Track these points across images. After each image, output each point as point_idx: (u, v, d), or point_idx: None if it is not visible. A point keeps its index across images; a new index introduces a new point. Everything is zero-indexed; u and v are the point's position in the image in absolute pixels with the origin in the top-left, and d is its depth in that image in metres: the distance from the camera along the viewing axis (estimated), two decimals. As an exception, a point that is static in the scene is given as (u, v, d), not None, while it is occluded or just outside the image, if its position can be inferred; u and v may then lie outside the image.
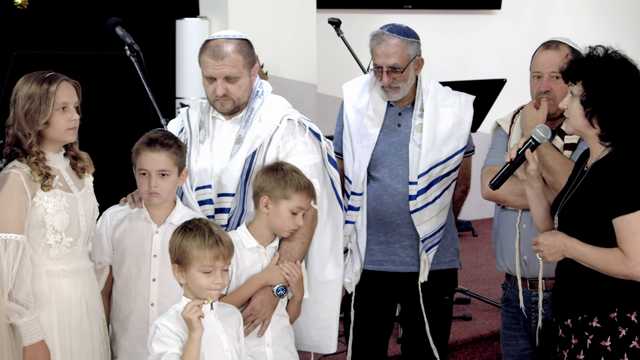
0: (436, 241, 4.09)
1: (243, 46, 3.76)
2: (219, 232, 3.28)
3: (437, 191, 4.06)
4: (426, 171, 4.02)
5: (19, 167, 3.38)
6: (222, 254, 3.23)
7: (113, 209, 3.72)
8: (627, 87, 3.23)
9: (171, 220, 3.63)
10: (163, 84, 6.42)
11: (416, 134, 4.06)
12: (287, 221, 3.63)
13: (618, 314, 3.22)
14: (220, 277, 3.24)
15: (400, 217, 4.08)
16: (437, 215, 4.07)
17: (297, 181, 3.62)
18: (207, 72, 3.75)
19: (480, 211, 8.31)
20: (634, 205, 3.15)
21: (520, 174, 3.44)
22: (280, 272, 3.62)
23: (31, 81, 3.41)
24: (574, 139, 3.81)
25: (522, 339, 3.99)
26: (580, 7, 9.21)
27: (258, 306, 3.59)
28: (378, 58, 4.01)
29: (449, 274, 4.20)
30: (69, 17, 6.26)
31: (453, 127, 4.09)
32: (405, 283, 4.12)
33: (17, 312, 3.29)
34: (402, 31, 4.02)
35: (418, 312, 4.11)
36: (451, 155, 4.08)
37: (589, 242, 3.23)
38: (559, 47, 3.84)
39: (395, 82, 4.01)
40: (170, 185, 3.61)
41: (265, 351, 3.61)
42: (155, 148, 3.58)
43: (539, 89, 3.86)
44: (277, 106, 3.85)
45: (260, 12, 6.68)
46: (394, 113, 4.12)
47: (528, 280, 3.91)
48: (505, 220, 3.98)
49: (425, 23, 8.32)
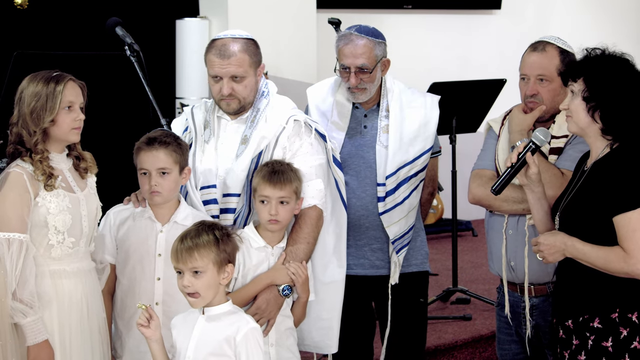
0: (406, 242, 4.07)
1: (249, 46, 3.77)
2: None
3: (405, 192, 4.03)
4: (394, 172, 4.00)
5: (21, 166, 3.38)
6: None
7: (116, 208, 3.72)
8: (627, 80, 3.25)
9: (175, 219, 3.63)
10: (163, 84, 6.42)
11: (382, 135, 4.04)
12: (260, 213, 3.62)
13: (619, 314, 3.22)
14: (181, 280, 3.16)
15: (369, 220, 4.05)
16: (406, 216, 4.05)
17: (264, 171, 3.62)
18: (213, 71, 3.75)
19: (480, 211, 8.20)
20: (634, 203, 3.15)
21: (521, 179, 3.43)
22: (286, 271, 3.62)
23: (38, 80, 3.42)
24: (561, 142, 3.78)
25: (514, 344, 3.96)
26: (580, 7, 9.21)
27: (263, 305, 3.59)
28: (346, 58, 3.97)
29: (420, 276, 4.17)
30: (69, 17, 6.26)
31: (419, 128, 4.06)
32: (376, 286, 4.11)
33: (21, 311, 3.29)
34: (369, 32, 4.00)
35: (389, 314, 4.10)
36: (418, 156, 4.05)
37: (590, 241, 3.23)
38: (546, 49, 3.80)
39: (362, 83, 3.98)
40: (172, 183, 3.61)
41: (269, 351, 3.60)
42: (153, 146, 3.59)
43: (525, 93, 3.83)
44: (283, 107, 3.85)
45: (260, 12, 6.68)
46: (360, 115, 4.10)
47: (518, 285, 3.88)
48: (493, 225, 3.96)
49: (425, 23, 8.33)
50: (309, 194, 3.75)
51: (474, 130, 6.28)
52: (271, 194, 3.60)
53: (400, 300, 4.10)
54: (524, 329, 3.87)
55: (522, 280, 3.84)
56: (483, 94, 6.05)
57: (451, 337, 5.33)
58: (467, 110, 5.96)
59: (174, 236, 3.28)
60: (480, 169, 3.94)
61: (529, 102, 3.81)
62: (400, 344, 4.13)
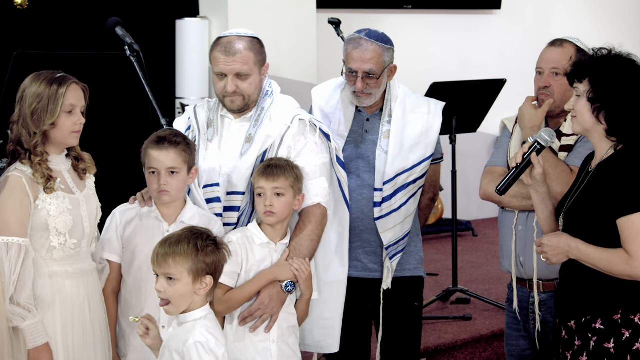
0: (400, 249, 4.06)
1: (254, 44, 3.78)
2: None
3: (402, 199, 4.03)
4: (392, 178, 4.00)
5: (20, 170, 3.38)
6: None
7: (123, 207, 3.71)
8: (632, 81, 3.25)
9: (182, 219, 3.63)
10: (163, 84, 6.42)
11: (383, 140, 4.03)
12: (258, 205, 3.64)
13: (622, 315, 3.21)
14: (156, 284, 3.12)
15: (364, 224, 4.04)
16: (401, 222, 4.04)
17: (261, 166, 3.66)
18: (218, 69, 3.75)
19: (480, 211, 8.31)
20: (638, 206, 3.15)
21: (526, 179, 3.43)
22: (289, 267, 3.62)
23: (40, 80, 3.40)
24: (571, 140, 3.81)
25: (523, 340, 3.99)
26: (580, 7, 9.21)
27: (266, 301, 3.59)
28: (354, 62, 3.97)
29: (414, 281, 4.16)
30: (69, 17, 6.25)
31: (421, 134, 4.06)
32: (369, 289, 4.10)
33: (19, 315, 3.29)
34: (379, 37, 3.99)
35: (384, 318, 4.09)
36: (417, 163, 4.04)
37: (593, 243, 3.23)
38: (563, 45, 3.85)
39: (368, 89, 3.98)
40: (180, 183, 3.61)
41: (270, 347, 3.61)
42: (163, 146, 3.59)
43: (538, 85, 3.87)
44: (288, 106, 3.86)
45: (260, 12, 6.68)
46: (362, 119, 4.10)
47: (527, 281, 3.91)
48: (504, 221, 3.99)
49: (425, 23, 8.33)
50: (313, 192, 3.76)
51: (474, 130, 6.29)
52: (265, 184, 3.62)
53: (394, 304, 4.10)
54: (531, 325, 3.89)
55: (531, 276, 3.87)
56: (483, 94, 6.05)
57: (451, 337, 5.33)
58: (467, 110, 5.95)
59: None
60: (493, 165, 3.96)
61: (541, 94, 3.86)
62: (394, 347, 4.13)
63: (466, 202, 7.92)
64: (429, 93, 5.64)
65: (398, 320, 4.12)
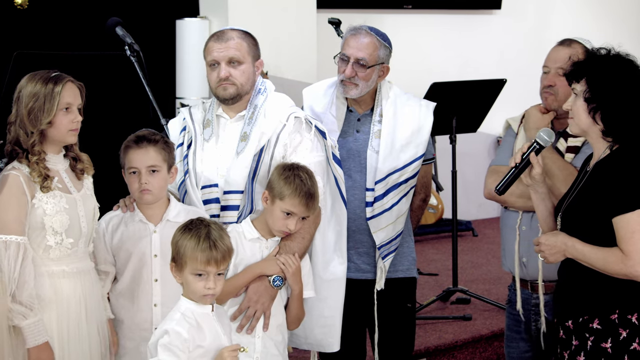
0: (393, 249, 4.06)
1: (248, 36, 3.83)
2: (217, 235, 3.17)
3: (394, 198, 4.02)
4: (383, 178, 4.00)
5: (18, 168, 3.38)
6: (214, 259, 3.13)
7: (107, 215, 3.71)
8: (629, 82, 3.25)
9: (168, 218, 3.63)
10: (163, 84, 6.41)
11: (374, 140, 4.04)
12: (278, 221, 3.61)
13: (619, 315, 3.22)
14: (213, 281, 3.15)
15: (356, 224, 4.03)
16: (394, 222, 4.04)
17: (297, 185, 3.57)
18: (211, 57, 3.78)
19: (480, 211, 8.32)
20: (634, 205, 3.15)
21: (525, 179, 3.44)
22: (276, 262, 3.61)
23: (36, 80, 3.41)
24: (578, 141, 3.81)
25: (523, 342, 3.98)
26: (580, 7, 9.21)
27: (254, 297, 3.58)
28: (349, 48, 3.99)
29: (406, 282, 4.16)
30: (69, 17, 6.26)
31: (412, 134, 4.05)
32: (362, 290, 4.09)
33: (21, 313, 3.29)
34: (380, 34, 4.03)
35: (378, 319, 4.09)
36: (409, 163, 4.04)
37: (590, 242, 3.23)
38: (572, 46, 3.84)
39: (355, 78, 3.98)
40: (161, 181, 3.61)
41: (255, 342, 3.59)
42: (142, 145, 3.59)
43: (543, 83, 3.87)
44: (282, 103, 3.87)
45: (260, 12, 6.69)
46: (353, 119, 4.10)
47: (529, 282, 3.90)
48: (507, 221, 3.98)
49: (425, 23, 8.34)
50: None
51: (474, 130, 6.29)
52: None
53: (387, 305, 4.10)
54: (533, 326, 3.89)
55: (533, 277, 3.87)
56: (483, 94, 6.05)
57: (451, 337, 5.33)
58: (467, 110, 5.96)
59: (169, 235, 3.29)
60: (497, 164, 3.96)
61: (545, 92, 3.86)
62: (388, 348, 4.13)
63: (466, 202, 7.92)
64: (429, 93, 5.64)
65: (391, 322, 4.12)
